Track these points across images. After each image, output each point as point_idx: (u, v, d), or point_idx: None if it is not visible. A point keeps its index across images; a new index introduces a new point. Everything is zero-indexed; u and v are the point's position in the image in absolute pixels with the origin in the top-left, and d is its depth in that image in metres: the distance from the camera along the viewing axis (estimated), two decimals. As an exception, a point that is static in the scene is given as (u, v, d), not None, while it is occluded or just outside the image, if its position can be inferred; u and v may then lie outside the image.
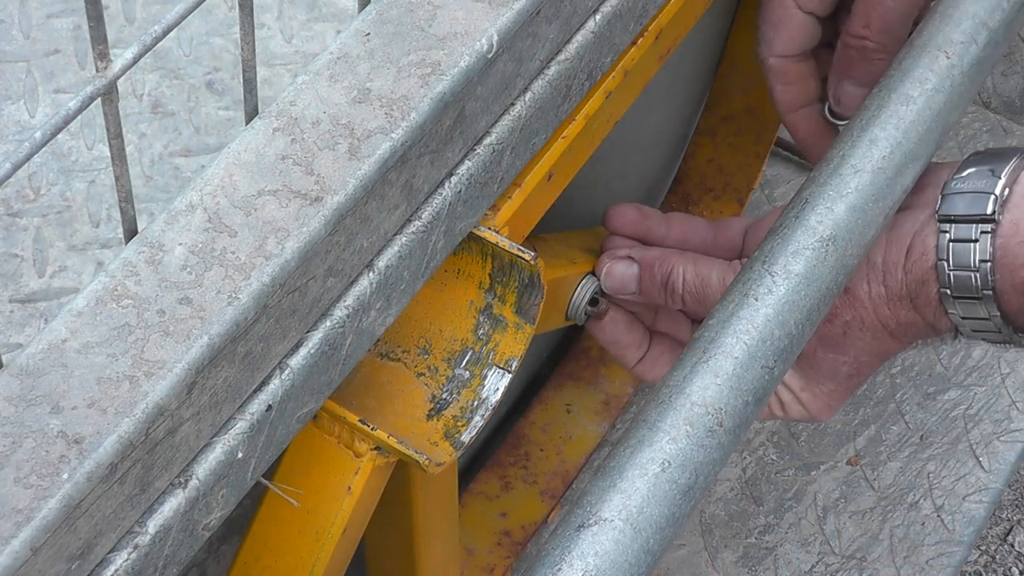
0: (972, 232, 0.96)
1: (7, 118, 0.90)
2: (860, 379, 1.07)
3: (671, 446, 0.82)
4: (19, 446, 0.62)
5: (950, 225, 0.97)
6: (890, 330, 1.02)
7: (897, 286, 0.99)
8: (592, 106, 0.96)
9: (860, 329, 1.02)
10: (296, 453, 0.89)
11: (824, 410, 1.08)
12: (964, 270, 0.96)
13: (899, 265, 0.99)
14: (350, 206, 0.72)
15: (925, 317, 1.00)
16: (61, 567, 0.63)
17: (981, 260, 0.95)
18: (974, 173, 0.98)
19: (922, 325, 1.01)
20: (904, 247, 0.99)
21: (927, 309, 0.99)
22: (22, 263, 0.83)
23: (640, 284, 1.09)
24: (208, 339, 0.66)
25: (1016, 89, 1.73)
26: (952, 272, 0.96)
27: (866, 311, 1.01)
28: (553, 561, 0.78)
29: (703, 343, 0.87)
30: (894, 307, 1.00)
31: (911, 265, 0.99)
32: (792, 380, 1.07)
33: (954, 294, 0.97)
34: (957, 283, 0.96)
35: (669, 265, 1.08)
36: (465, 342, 0.91)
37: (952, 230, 0.97)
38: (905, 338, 1.03)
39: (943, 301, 0.98)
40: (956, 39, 0.98)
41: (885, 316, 1.01)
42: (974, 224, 0.96)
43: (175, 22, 0.62)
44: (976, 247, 0.95)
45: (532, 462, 1.46)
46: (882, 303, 1.00)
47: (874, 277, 1.00)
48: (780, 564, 1.44)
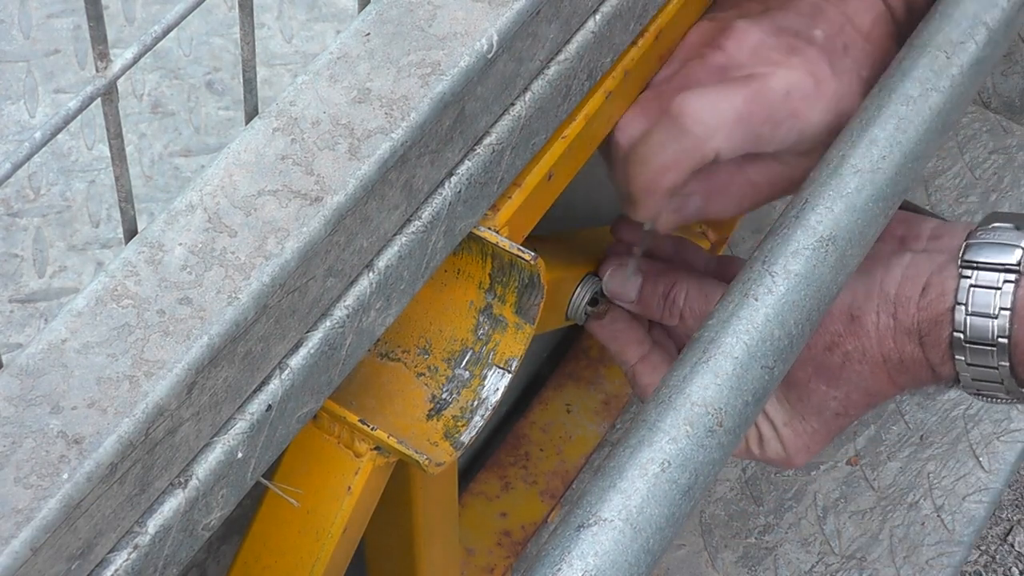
0: (996, 280, 0.96)
1: (7, 118, 0.89)
2: (845, 420, 1.06)
3: (671, 446, 0.82)
4: (19, 446, 0.62)
5: (973, 271, 0.97)
6: (890, 366, 1.01)
7: (908, 320, 0.99)
8: (592, 106, 0.96)
9: (859, 361, 1.02)
10: (296, 453, 0.89)
11: (802, 451, 1.07)
12: (982, 316, 0.96)
13: (913, 301, 0.99)
14: (350, 206, 0.72)
15: (930, 358, 1.00)
16: (61, 567, 0.63)
17: (1002, 308, 0.96)
18: (1000, 228, 0.99)
19: (924, 367, 1.00)
20: (920, 285, 0.99)
21: (934, 351, 0.99)
22: (22, 263, 0.83)
23: (641, 293, 1.09)
24: (208, 339, 0.66)
25: (1016, 89, 1.73)
26: (969, 317, 0.97)
27: (870, 341, 1.01)
28: (553, 561, 0.78)
29: (703, 343, 0.87)
30: (900, 341, 1.00)
31: (926, 303, 0.99)
32: (776, 414, 1.06)
33: (967, 339, 0.97)
34: (972, 328, 0.97)
35: (673, 279, 1.07)
36: (465, 342, 0.91)
37: (974, 276, 0.97)
38: (901, 379, 1.02)
39: (953, 346, 0.98)
40: (956, 39, 0.98)
41: (889, 349, 1.00)
42: (999, 272, 0.96)
43: (175, 22, 0.62)
44: (998, 295, 0.96)
45: (532, 462, 1.46)
46: (889, 335, 1.00)
47: (884, 308, 1.00)
48: (780, 564, 1.44)
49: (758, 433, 1.07)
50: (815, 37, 1.05)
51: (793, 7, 1.07)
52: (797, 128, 1.02)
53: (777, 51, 1.04)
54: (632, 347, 1.12)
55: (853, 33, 1.07)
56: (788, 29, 1.05)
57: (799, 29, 1.05)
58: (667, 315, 1.08)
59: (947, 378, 1.01)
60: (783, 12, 1.06)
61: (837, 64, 1.04)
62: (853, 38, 1.06)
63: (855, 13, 1.07)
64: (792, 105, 1.02)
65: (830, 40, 1.05)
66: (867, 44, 1.07)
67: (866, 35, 1.07)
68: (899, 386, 1.03)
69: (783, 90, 1.01)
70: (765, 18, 1.06)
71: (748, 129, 1.00)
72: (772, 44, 1.04)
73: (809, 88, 1.02)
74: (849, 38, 1.06)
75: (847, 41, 1.06)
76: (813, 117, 1.03)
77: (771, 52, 1.03)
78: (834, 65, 1.04)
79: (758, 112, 1.00)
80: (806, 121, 1.03)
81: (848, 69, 1.05)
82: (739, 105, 0.99)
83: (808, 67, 1.03)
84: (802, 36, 1.05)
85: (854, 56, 1.06)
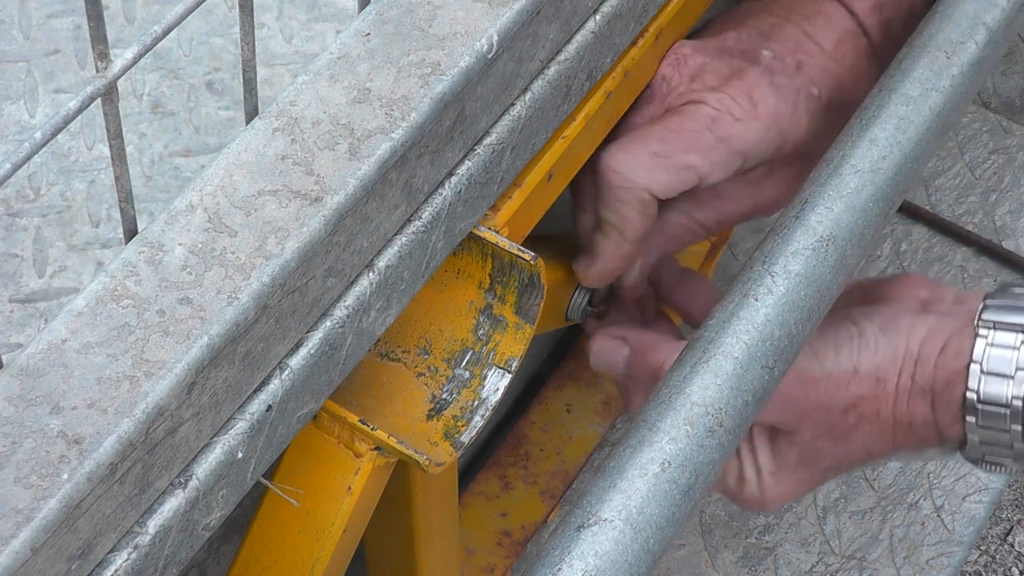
0: (1014, 340, 0.96)
1: (7, 118, 0.89)
2: (834, 475, 1.05)
3: (671, 446, 0.82)
4: (19, 446, 0.62)
5: (990, 331, 0.97)
6: (899, 428, 1.01)
7: (924, 379, 0.99)
8: (592, 106, 0.96)
9: (871, 422, 1.01)
10: (296, 453, 0.89)
11: (780, 499, 1.06)
12: (998, 376, 0.96)
13: (931, 359, 0.99)
14: (350, 206, 0.72)
15: (939, 419, 0.99)
16: (61, 567, 0.63)
17: (1018, 368, 0.95)
18: (1017, 291, 0.99)
19: (932, 430, 1.00)
20: (940, 344, 0.99)
21: (944, 412, 0.98)
22: (22, 263, 0.83)
23: (629, 367, 1.07)
24: (208, 339, 0.66)
25: (1016, 89, 1.73)
26: (984, 375, 0.96)
27: (887, 403, 1.00)
28: (553, 561, 0.78)
29: (703, 343, 0.87)
30: (914, 402, 1.00)
31: (943, 361, 0.98)
32: (766, 461, 1.05)
33: (980, 399, 0.96)
34: (987, 388, 0.96)
35: (662, 355, 1.04)
36: (465, 342, 0.91)
37: (991, 336, 0.97)
38: (905, 444, 1.02)
39: (964, 405, 0.97)
40: (956, 39, 0.98)
41: (902, 412, 1.00)
42: (1016, 333, 0.96)
43: (175, 22, 0.62)
44: (1016, 355, 0.95)
45: (532, 462, 1.46)
46: (905, 396, 1.00)
47: (907, 368, 0.99)
48: (780, 564, 1.44)
49: (739, 472, 1.05)
50: (761, 57, 1.05)
51: (752, 25, 1.07)
52: (736, 151, 1.03)
53: (716, 75, 1.04)
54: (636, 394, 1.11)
55: (812, 49, 1.06)
56: (733, 50, 1.06)
57: (747, 49, 1.06)
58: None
59: (954, 441, 1.00)
60: (737, 32, 1.07)
61: (782, 83, 1.05)
62: (810, 55, 1.06)
63: (818, 30, 1.07)
64: (721, 131, 1.03)
65: (780, 59, 1.05)
66: (828, 61, 1.07)
67: (828, 52, 1.07)
68: (899, 448, 1.02)
69: (709, 118, 1.02)
70: (714, 40, 1.06)
71: (670, 164, 1.01)
72: (712, 68, 1.05)
73: (743, 112, 1.03)
74: (806, 55, 1.06)
75: (802, 59, 1.06)
76: (750, 137, 1.04)
77: (710, 77, 1.04)
78: (778, 84, 1.04)
79: (677, 148, 1.01)
80: (743, 143, 1.04)
81: (796, 88, 1.05)
82: (653, 147, 1.01)
83: (746, 88, 1.03)
84: (748, 56, 1.05)
85: (808, 74, 1.06)
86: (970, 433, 0.98)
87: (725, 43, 1.06)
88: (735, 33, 1.07)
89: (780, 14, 1.08)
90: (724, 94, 1.03)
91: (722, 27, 1.08)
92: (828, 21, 1.08)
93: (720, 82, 1.04)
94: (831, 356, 1.01)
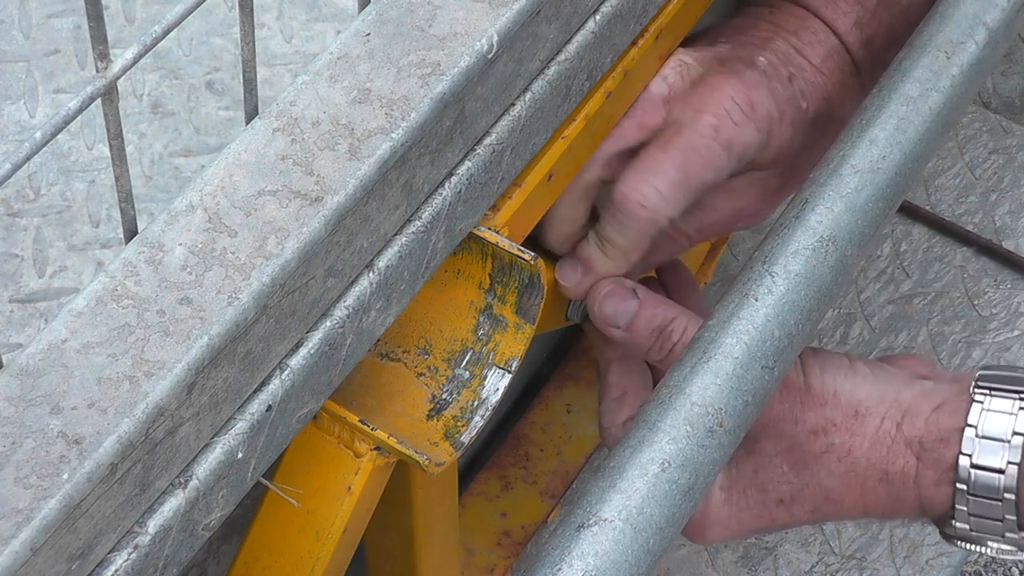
0: (1011, 407, 0.94)
1: (7, 118, 0.89)
2: (781, 517, 1.00)
3: (671, 446, 0.82)
4: (19, 446, 0.62)
5: (986, 397, 0.95)
6: (870, 476, 0.97)
7: (913, 432, 0.96)
8: (592, 106, 0.96)
9: (840, 459, 0.98)
10: (296, 453, 0.89)
11: (719, 525, 1.01)
12: (994, 440, 0.93)
13: (923, 415, 0.96)
14: (350, 206, 0.72)
15: (921, 476, 0.96)
16: (61, 567, 0.63)
17: (1015, 432, 0.93)
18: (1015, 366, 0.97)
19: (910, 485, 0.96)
20: (936, 402, 0.97)
21: (931, 469, 0.95)
22: (22, 263, 0.83)
23: (633, 321, 1.04)
24: (208, 339, 0.66)
25: (1016, 89, 1.73)
26: (979, 439, 0.94)
27: (863, 442, 0.97)
28: (553, 561, 0.78)
29: (703, 343, 0.87)
30: (895, 452, 0.96)
31: (937, 418, 0.96)
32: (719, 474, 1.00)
33: (974, 461, 0.93)
34: (982, 450, 0.93)
35: (672, 314, 1.03)
36: (465, 342, 0.91)
37: (987, 401, 0.95)
38: (875, 499, 0.98)
39: (957, 467, 0.94)
40: (956, 39, 0.98)
41: (879, 458, 0.97)
42: (1013, 399, 0.94)
43: (175, 22, 0.62)
44: (1013, 420, 0.93)
45: (532, 462, 1.46)
46: (886, 443, 0.97)
47: (892, 416, 0.97)
48: (780, 564, 1.44)
49: None
50: (758, 62, 1.05)
51: (744, 38, 1.08)
52: (736, 154, 1.04)
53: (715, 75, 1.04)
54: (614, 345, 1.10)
55: (802, 63, 1.07)
56: (730, 57, 1.06)
57: (743, 55, 1.06)
58: (656, 349, 1.03)
59: (933, 507, 0.96)
60: (730, 44, 1.07)
61: (777, 88, 1.05)
62: (800, 68, 1.07)
63: (806, 46, 1.08)
64: (724, 137, 1.03)
65: (774, 67, 1.05)
66: (817, 76, 1.07)
67: (816, 67, 1.07)
68: (866, 504, 0.98)
69: (712, 127, 1.02)
70: (710, 49, 1.06)
71: (689, 186, 1.02)
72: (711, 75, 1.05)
73: (741, 114, 1.03)
74: (796, 68, 1.06)
75: (793, 71, 1.06)
76: (747, 139, 1.04)
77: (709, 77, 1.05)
78: (773, 89, 1.05)
79: (693, 169, 1.02)
80: (742, 145, 1.04)
81: (789, 96, 1.06)
82: (673, 176, 1.01)
83: (745, 89, 1.03)
84: (744, 60, 1.05)
85: (799, 86, 1.06)
86: (957, 501, 0.94)
87: (719, 52, 1.06)
88: (728, 46, 1.07)
89: (769, 29, 1.08)
90: (725, 94, 1.03)
91: (714, 39, 1.08)
92: (814, 37, 1.08)
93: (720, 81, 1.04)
94: (815, 372, 0.99)
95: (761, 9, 1.11)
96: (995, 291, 1.60)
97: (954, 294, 1.59)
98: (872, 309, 1.57)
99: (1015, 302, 1.59)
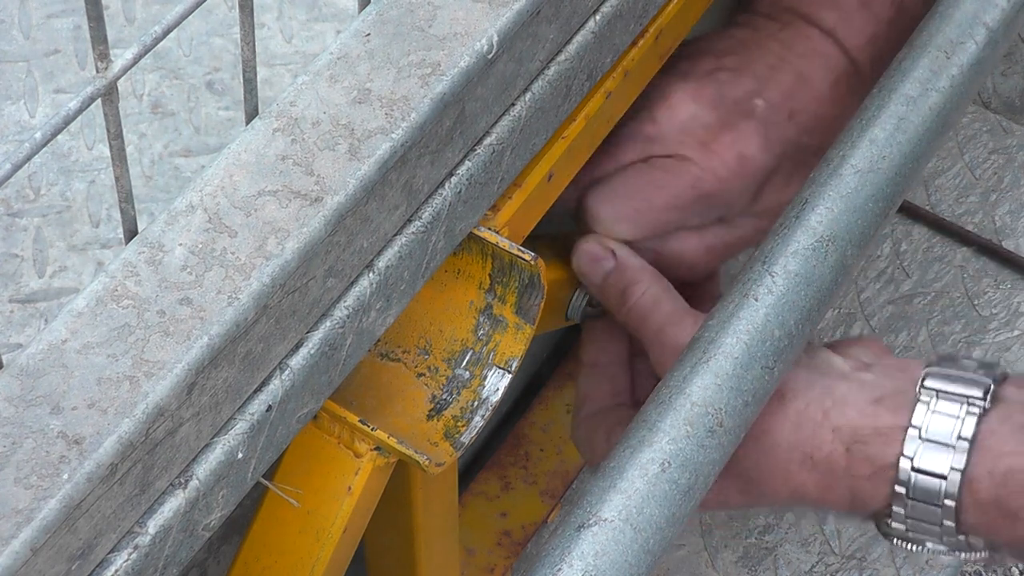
0: (957, 410, 0.88)
1: (7, 118, 0.89)
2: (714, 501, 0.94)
3: (671, 446, 0.82)
4: (19, 446, 0.62)
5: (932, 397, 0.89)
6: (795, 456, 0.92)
7: (842, 420, 0.91)
8: (592, 106, 0.96)
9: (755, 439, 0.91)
10: (296, 453, 0.89)
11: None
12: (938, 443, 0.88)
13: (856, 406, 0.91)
14: (350, 206, 0.72)
15: (854, 470, 0.90)
16: (61, 567, 0.63)
17: (960, 437, 0.87)
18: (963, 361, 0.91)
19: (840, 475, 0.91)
20: (875, 395, 0.91)
21: (863, 465, 0.90)
22: (22, 263, 0.83)
23: (604, 278, 1.05)
24: (208, 339, 0.66)
25: (1016, 89, 1.73)
26: (923, 442, 0.88)
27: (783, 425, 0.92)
28: (553, 561, 0.78)
29: (703, 343, 0.87)
30: (821, 436, 0.91)
31: (876, 411, 0.91)
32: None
33: (915, 464, 0.88)
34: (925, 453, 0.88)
35: (640, 276, 1.03)
36: (465, 342, 0.91)
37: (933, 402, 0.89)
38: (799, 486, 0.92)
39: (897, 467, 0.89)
40: (956, 39, 0.98)
41: (803, 439, 0.91)
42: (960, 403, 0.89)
43: (175, 22, 0.62)
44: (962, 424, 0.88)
45: (532, 462, 1.46)
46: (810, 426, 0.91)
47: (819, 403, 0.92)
48: (780, 564, 1.44)
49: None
50: (755, 108, 1.05)
51: (750, 68, 1.07)
52: (718, 205, 1.05)
53: (705, 128, 1.05)
54: (609, 345, 1.10)
55: (806, 95, 1.06)
56: (728, 99, 1.05)
57: (740, 97, 1.06)
58: (616, 308, 1.04)
59: (869, 501, 0.91)
60: (732, 74, 1.06)
61: (774, 135, 1.05)
62: (805, 102, 1.06)
63: (814, 72, 1.07)
64: (704, 189, 1.04)
65: (774, 109, 1.05)
66: (823, 106, 1.07)
67: (823, 97, 1.07)
68: (792, 489, 0.92)
69: (694, 176, 1.04)
70: (709, 83, 1.06)
71: (651, 221, 1.05)
72: (704, 121, 1.05)
73: (728, 171, 1.04)
74: (800, 103, 1.06)
75: (796, 106, 1.06)
76: (732, 195, 1.05)
77: (700, 130, 1.05)
78: (769, 139, 1.05)
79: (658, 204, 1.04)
80: (725, 199, 1.05)
81: (787, 138, 1.06)
82: (636, 203, 1.04)
83: (735, 144, 1.04)
84: (741, 106, 1.05)
85: (801, 122, 1.06)
86: (895, 504, 0.90)
87: (719, 88, 1.05)
88: (730, 75, 1.06)
89: (777, 52, 1.07)
90: (712, 151, 1.04)
91: (717, 59, 1.07)
92: (825, 63, 1.07)
93: (709, 136, 1.04)
94: None
95: (770, 24, 1.09)
96: (995, 291, 1.60)
97: (954, 294, 1.59)
98: (872, 309, 1.57)
99: (1015, 302, 1.59)
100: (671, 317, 1.00)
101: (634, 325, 1.03)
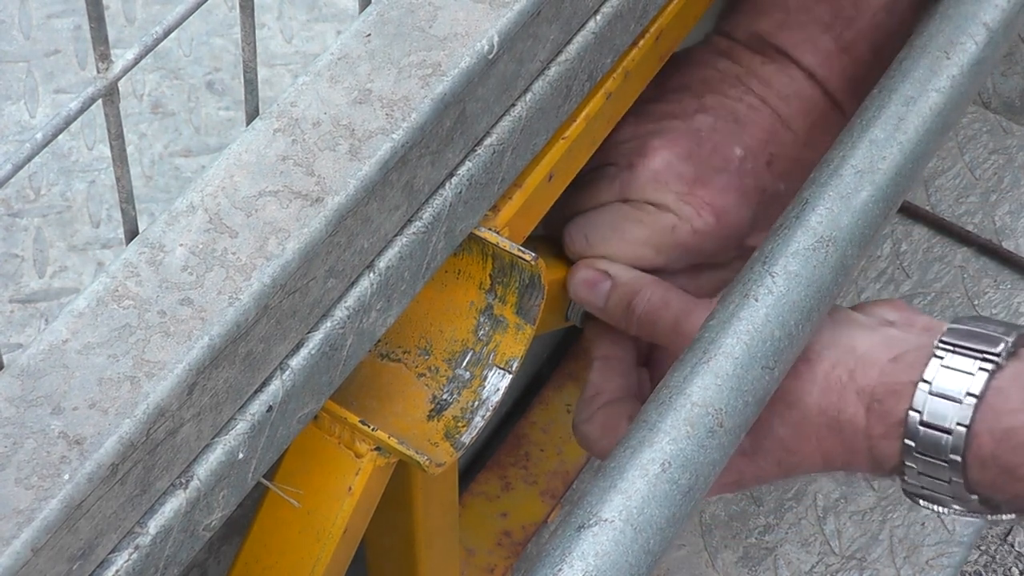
0: (970, 365, 0.88)
1: (7, 118, 0.89)
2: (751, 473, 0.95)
3: (672, 447, 0.82)
4: (20, 447, 0.62)
5: (948, 353, 0.89)
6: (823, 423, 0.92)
7: (865, 381, 0.91)
8: (593, 107, 0.96)
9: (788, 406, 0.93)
10: (297, 453, 0.89)
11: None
12: (946, 398, 0.88)
13: (878, 365, 0.91)
14: (351, 207, 0.72)
15: (872, 429, 0.91)
16: (62, 568, 0.63)
17: (968, 393, 0.87)
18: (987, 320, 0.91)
19: (862, 437, 0.91)
20: (895, 352, 0.91)
21: (879, 423, 0.90)
22: (22, 263, 0.83)
23: (607, 300, 1.05)
24: (209, 340, 0.66)
25: (1016, 89, 1.73)
26: (931, 396, 0.88)
27: (812, 387, 0.92)
28: (553, 561, 0.78)
29: (703, 343, 0.87)
30: (845, 399, 0.91)
31: (893, 369, 0.91)
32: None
33: (923, 419, 0.88)
34: (932, 407, 0.88)
35: (640, 285, 1.04)
36: (466, 343, 0.91)
37: (947, 357, 0.89)
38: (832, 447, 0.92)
39: (906, 422, 0.89)
40: (956, 39, 0.98)
41: (829, 404, 0.92)
42: (974, 359, 0.88)
43: (176, 23, 0.62)
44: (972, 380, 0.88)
45: (532, 462, 1.46)
46: (836, 389, 0.92)
47: (844, 362, 0.92)
48: (780, 564, 1.44)
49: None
50: (732, 158, 1.05)
51: (730, 107, 1.07)
52: (693, 254, 1.06)
53: (680, 179, 1.05)
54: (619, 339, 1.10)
55: (785, 139, 1.06)
56: (704, 146, 1.05)
57: (718, 144, 1.05)
58: (624, 324, 1.05)
59: (886, 463, 0.92)
60: (712, 117, 1.06)
61: (749, 186, 1.05)
62: (783, 146, 1.06)
63: (793, 115, 1.07)
64: (679, 238, 1.05)
65: (752, 155, 1.05)
66: (801, 150, 1.07)
67: (802, 139, 1.07)
68: (824, 454, 0.93)
69: (670, 225, 1.05)
70: (686, 131, 1.06)
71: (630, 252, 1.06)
72: (678, 170, 1.05)
73: (705, 226, 1.05)
74: (778, 147, 1.06)
75: (775, 151, 1.06)
76: (707, 248, 1.05)
77: (673, 180, 1.05)
78: (745, 189, 1.05)
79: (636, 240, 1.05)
80: (699, 251, 1.06)
81: (764, 186, 1.06)
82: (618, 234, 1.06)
83: (711, 199, 1.04)
84: (718, 156, 1.05)
85: (780, 167, 1.06)
86: (904, 456, 0.90)
87: (696, 135, 1.05)
88: (710, 119, 1.06)
89: (758, 91, 1.07)
90: (687, 204, 1.04)
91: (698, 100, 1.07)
92: (803, 105, 1.07)
93: (685, 188, 1.05)
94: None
95: (754, 58, 1.08)
96: (995, 291, 1.60)
97: (954, 294, 1.59)
98: (872, 309, 1.57)
99: (1015, 302, 1.59)
100: (683, 310, 1.01)
101: (648, 332, 1.04)
